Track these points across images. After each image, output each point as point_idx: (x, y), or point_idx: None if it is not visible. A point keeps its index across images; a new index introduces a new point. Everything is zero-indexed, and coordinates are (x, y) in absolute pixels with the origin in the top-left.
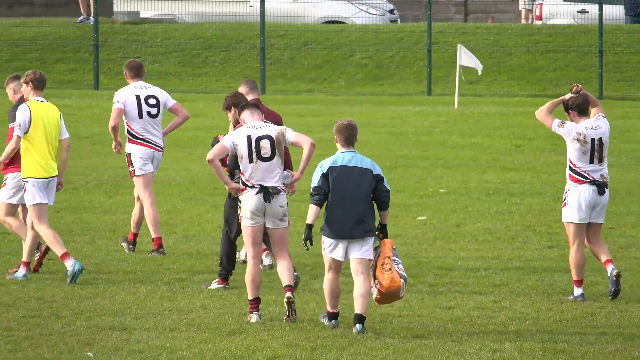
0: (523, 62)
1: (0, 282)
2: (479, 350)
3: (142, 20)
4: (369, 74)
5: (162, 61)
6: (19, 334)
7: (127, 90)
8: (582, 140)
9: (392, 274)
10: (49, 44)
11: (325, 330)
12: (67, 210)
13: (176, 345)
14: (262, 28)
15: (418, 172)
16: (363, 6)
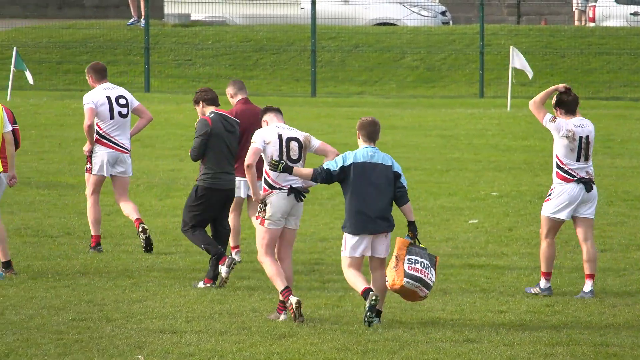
0: (576, 64)
1: (51, 285)
2: (531, 354)
3: (193, 22)
4: (420, 77)
5: (212, 64)
6: (69, 337)
7: (96, 92)
8: (571, 137)
9: (396, 272)
10: (99, 46)
11: (376, 334)
12: (118, 213)
13: (227, 349)
14: (313, 30)
15: (470, 175)
16: (415, 8)
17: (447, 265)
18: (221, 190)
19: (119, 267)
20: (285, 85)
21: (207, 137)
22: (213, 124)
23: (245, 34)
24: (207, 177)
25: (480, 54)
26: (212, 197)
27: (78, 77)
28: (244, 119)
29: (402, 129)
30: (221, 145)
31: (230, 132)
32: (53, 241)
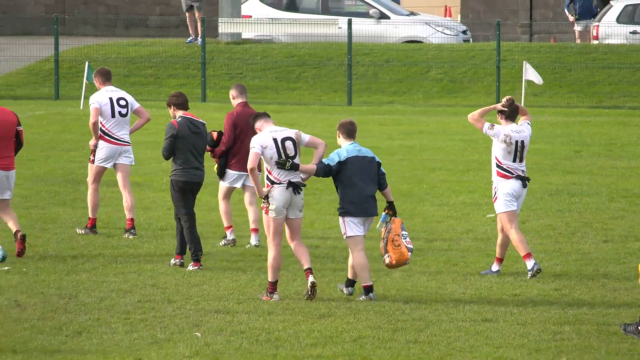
0: (582, 77)
1: (119, 271)
2: (541, 332)
3: (244, 40)
4: (444, 88)
5: (261, 77)
6: (135, 317)
7: (101, 94)
8: (509, 142)
9: (402, 249)
10: (162, 62)
11: (404, 314)
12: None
13: (273, 327)
14: (349, 47)
15: (487, 175)
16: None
17: (468, 254)
18: (191, 182)
19: (171, 255)
20: (325, 96)
21: (174, 138)
22: (179, 127)
23: (290, 51)
24: (178, 172)
25: (497, 68)
26: (185, 189)
27: (143, 88)
28: (242, 119)
29: (428, 134)
30: (188, 145)
31: (196, 134)
32: (122, 232)
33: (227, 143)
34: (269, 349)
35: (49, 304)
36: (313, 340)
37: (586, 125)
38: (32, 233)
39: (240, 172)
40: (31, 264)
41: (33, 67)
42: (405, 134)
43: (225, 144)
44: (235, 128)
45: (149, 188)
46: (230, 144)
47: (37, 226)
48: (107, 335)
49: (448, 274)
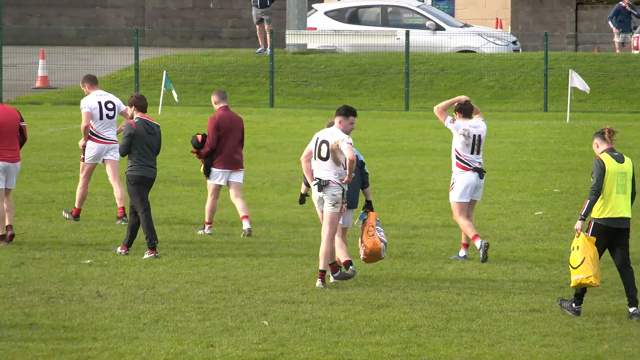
0: (623, 84)
1: (193, 264)
2: (585, 321)
3: (309, 51)
4: (495, 94)
5: (324, 84)
6: (208, 306)
7: (90, 98)
8: (467, 135)
9: (374, 239)
10: (233, 70)
11: (457, 304)
12: (248, 206)
13: (335, 316)
14: (407, 56)
15: (536, 175)
16: (491, 38)
17: (517, 249)
18: (146, 177)
19: (248, 250)
20: (384, 102)
21: (132, 138)
22: (137, 128)
23: (352, 60)
24: (134, 168)
25: (544, 76)
26: (141, 183)
27: None
28: (224, 121)
29: None
30: (143, 144)
31: (151, 134)
32: (195, 228)
33: (211, 144)
34: (331, 337)
35: (128, 294)
36: (372, 329)
37: (628, 129)
38: (113, 229)
39: (223, 169)
40: (111, 257)
41: (115, 75)
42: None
43: (209, 145)
44: (218, 130)
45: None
46: (214, 145)
47: (116, 222)
48: (181, 323)
49: (498, 267)
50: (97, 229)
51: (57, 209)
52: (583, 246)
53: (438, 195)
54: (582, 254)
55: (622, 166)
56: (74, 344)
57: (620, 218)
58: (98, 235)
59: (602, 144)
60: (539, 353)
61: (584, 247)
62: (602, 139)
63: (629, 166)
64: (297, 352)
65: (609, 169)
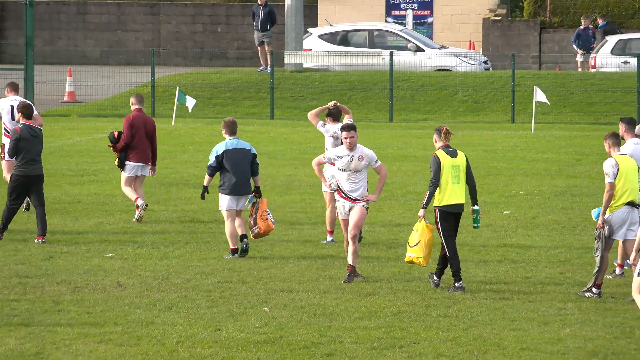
0: (582, 99)
1: (203, 257)
2: (548, 308)
3: (305, 69)
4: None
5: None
6: (215, 294)
7: (5, 101)
8: (335, 137)
9: (268, 222)
10: (238, 87)
11: (436, 293)
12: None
13: (328, 303)
14: (391, 74)
15: (504, 179)
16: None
17: (487, 245)
18: (31, 175)
19: (251, 245)
20: (371, 114)
21: (17, 141)
22: (21, 132)
23: (342, 77)
24: (19, 167)
25: (512, 91)
26: (24, 181)
27: (223, 108)
28: (137, 121)
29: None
30: (28, 146)
31: (35, 137)
32: (204, 225)
33: (125, 139)
34: (324, 322)
35: (145, 284)
36: (360, 315)
37: (586, 139)
38: (132, 226)
39: (137, 163)
40: (130, 251)
41: (134, 90)
42: None
43: (124, 140)
44: (132, 127)
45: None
46: (127, 140)
47: (135, 222)
48: (192, 310)
49: (472, 260)
50: (117, 226)
51: (83, 209)
52: (421, 231)
53: (419, 197)
54: (419, 237)
55: (455, 160)
56: (97, 328)
57: (456, 204)
58: (118, 232)
59: (439, 141)
60: (508, 336)
61: (422, 232)
62: (439, 137)
63: (462, 160)
64: (295, 335)
65: (444, 164)
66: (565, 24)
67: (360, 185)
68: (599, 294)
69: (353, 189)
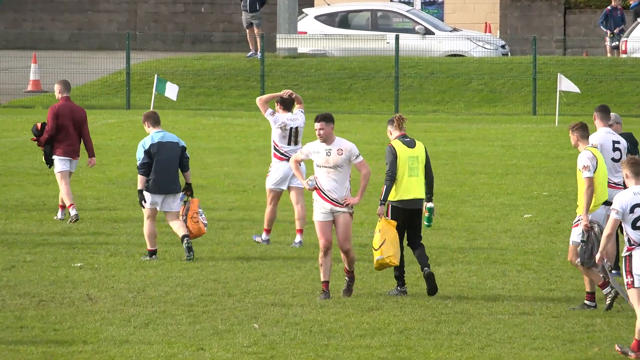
0: (611, 88)
1: (184, 267)
2: (574, 324)
3: (300, 54)
4: (484, 98)
5: (315, 88)
6: (198, 309)
7: None
8: (284, 127)
9: (199, 225)
10: (224, 74)
11: (447, 307)
12: (238, 209)
13: (325, 319)
14: (396, 60)
15: (525, 178)
16: (480, 42)
17: (506, 252)
18: None
19: (239, 253)
20: (374, 105)
21: None
22: None
23: (342, 64)
24: None
25: (533, 79)
26: None
27: (207, 99)
28: (64, 111)
29: (469, 140)
30: None
31: None
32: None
33: (50, 131)
34: (322, 340)
35: (118, 297)
36: (362, 332)
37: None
38: (104, 232)
39: (64, 157)
40: (102, 260)
41: (107, 79)
42: (448, 140)
43: (48, 132)
44: (57, 118)
45: (212, 190)
46: (52, 132)
47: (108, 226)
48: (172, 327)
49: (488, 270)
50: (88, 232)
51: (49, 211)
52: (383, 229)
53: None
54: (383, 236)
55: (413, 151)
56: (65, 347)
57: (413, 199)
58: (88, 238)
59: (395, 131)
60: (528, 356)
61: (384, 229)
62: (394, 127)
63: (421, 151)
64: (288, 355)
65: (401, 155)
66: (592, 4)
67: (342, 184)
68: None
69: (333, 188)
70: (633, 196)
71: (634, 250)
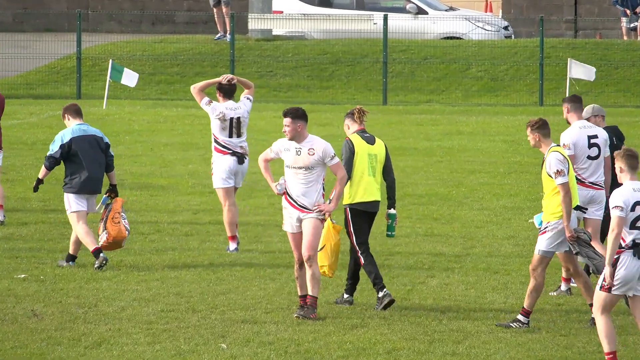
0: (629, 75)
1: (142, 278)
2: (586, 343)
3: (275, 37)
4: (484, 86)
5: (292, 75)
6: (158, 327)
7: None
8: (222, 118)
9: (120, 227)
10: (189, 59)
11: (441, 325)
12: (204, 212)
13: (303, 338)
14: (384, 44)
15: (531, 178)
16: (479, 23)
17: (509, 261)
18: None
19: (204, 263)
20: (359, 95)
21: None
22: None
23: (323, 48)
24: None
25: (540, 65)
26: None
27: (169, 87)
28: None
29: (467, 134)
30: None
31: None
32: (144, 238)
33: None
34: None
35: (67, 313)
36: (345, 352)
37: (634, 126)
38: (51, 238)
39: None
40: (49, 271)
41: (54, 64)
42: (443, 135)
43: None
44: None
45: (174, 191)
46: None
47: (56, 231)
48: (128, 347)
49: (488, 282)
50: (33, 239)
51: None
52: (327, 233)
53: (420, 201)
54: (324, 240)
55: (372, 148)
56: None
57: (373, 201)
58: (33, 245)
59: (353, 125)
60: None
61: (327, 234)
62: (352, 120)
63: (381, 149)
64: None
65: (359, 151)
66: None
67: (313, 188)
68: None
69: (302, 193)
70: (634, 192)
71: (623, 254)
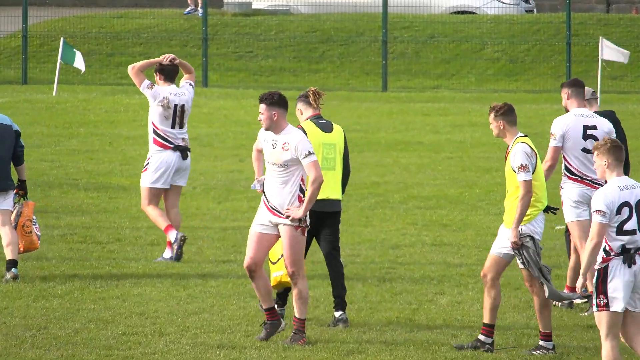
0: None
1: (99, 296)
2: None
3: (255, 11)
4: (502, 69)
5: (276, 56)
6: (119, 352)
7: None
8: (166, 105)
9: (32, 237)
10: (154, 37)
11: (453, 350)
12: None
13: None
14: (384, 19)
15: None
16: None
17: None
18: None
19: (173, 278)
20: (355, 79)
21: None
22: None
23: (311, 24)
24: None
25: (567, 45)
26: None
27: None
28: None
29: (482, 125)
30: None
31: None
32: (102, 248)
33: None
34: None
35: (12, 336)
36: None
37: None
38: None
39: None
40: None
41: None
42: (453, 127)
43: None
44: None
45: (137, 192)
46: None
47: None
48: None
49: (508, 300)
50: None
51: None
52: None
53: (426, 204)
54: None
55: (329, 137)
56: None
57: (327, 200)
58: None
59: (307, 110)
60: None
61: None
62: (307, 104)
63: (339, 137)
64: None
65: (313, 140)
66: None
67: (286, 190)
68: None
69: (275, 193)
70: (619, 192)
71: (611, 262)
